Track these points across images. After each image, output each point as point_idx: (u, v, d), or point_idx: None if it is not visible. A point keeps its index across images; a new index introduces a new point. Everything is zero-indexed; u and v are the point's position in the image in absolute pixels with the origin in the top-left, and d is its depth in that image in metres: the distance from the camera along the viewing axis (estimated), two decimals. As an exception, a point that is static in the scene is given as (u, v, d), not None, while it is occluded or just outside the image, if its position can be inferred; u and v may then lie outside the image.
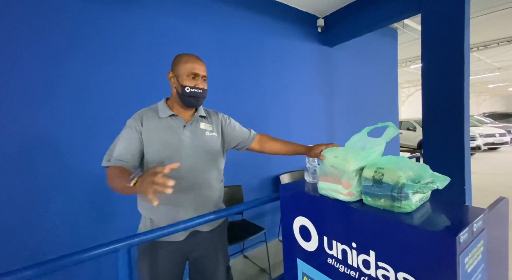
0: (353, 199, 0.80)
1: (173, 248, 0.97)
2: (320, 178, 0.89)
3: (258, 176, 2.47)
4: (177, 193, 0.94)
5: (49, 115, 1.50)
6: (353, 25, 2.78)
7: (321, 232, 0.89)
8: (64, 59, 1.54)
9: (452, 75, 1.98)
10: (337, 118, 3.30)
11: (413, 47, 5.61)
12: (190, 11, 2.04)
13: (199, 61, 1.00)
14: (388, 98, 4.27)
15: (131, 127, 0.94)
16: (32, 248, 1.44)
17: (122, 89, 1.74)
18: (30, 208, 1.44)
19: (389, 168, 0.72)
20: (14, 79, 1.40)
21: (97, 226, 1.64)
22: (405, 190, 0.67)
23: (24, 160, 1.42)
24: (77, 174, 1.57)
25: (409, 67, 7.84)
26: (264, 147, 1.18)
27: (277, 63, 2.64)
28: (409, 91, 13.65)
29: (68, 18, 1.55)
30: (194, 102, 0.99)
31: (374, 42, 3.87)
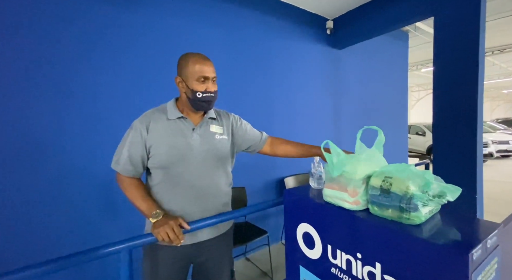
0: (359, 208, 0.78)
1: (177, 252, 0.95)
2: (326, 185, 0.87)
3: (262, 178, 2.45)
4: (185, 203, 0.94)
5: (55, 115, 1.52)
6: (363, 27, 2.74)
7: (325, 240, 0.87)
8: (70, 58, 1.56)
9: (465, 80, 1.92)
10: (344, 121, 3.25)
11: (424, 50, 5.51)
12: (197, 12, 2.04)
13: (207, 61, 0.94)
14: (398, 102, 4.19)
15: (137, 130, 0.92)
16: (39, 247, 1.46)
17: (129, 89, 1.75)
18: (37, 207, 1.46)
19: (397, 177, 0.69)
20: (22, 79, 1.42)
21: (105, 225, 1.66)
22: (414, 201, 0.65)
23: (30, 160, 1.45)
24: (84, 174, 1.59)
25: (420, 70, 7.69)
26: (277, 151, 1.15)
27: (284, 65, 2.62)
28: (419, 94, 13.41)
29: (75, 19, 1.57)
30: (207, 106, 0.96)
31: (384, 44, 3.80)
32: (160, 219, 0.84)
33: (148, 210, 0.88)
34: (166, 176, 0.93)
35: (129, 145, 0.92)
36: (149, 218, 0.86)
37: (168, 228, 0.81)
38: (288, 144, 1.14)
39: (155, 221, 0.84)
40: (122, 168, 0.92)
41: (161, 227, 0.81)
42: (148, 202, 0.90)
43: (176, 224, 0.83)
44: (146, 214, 0.88)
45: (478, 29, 1.85)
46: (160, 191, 0.95)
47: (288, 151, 1.13)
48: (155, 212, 0.86)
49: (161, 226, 0.81)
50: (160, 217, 0.85)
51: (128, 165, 0.92)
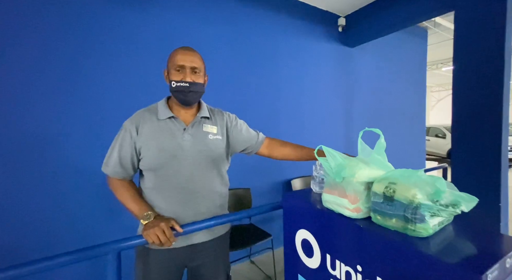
0: (360, 215, 0.71)
1: (170, 255, 0.92)
2: (325, 190, 0.81)
3: (268, 180, 2.40)
4: (177, 206, 0.91)
5: (55, 113, 1.54)
6: (377, 24, 2.62)
7: (324, 249, 0.81)
8: (71, 57, 1.58)
9: (489, 79, 1.77)
10: (356, 123, 3.13)
11: (445, 48, 5.22)
12: (203, 10, 2.03)
13: (187, 51, 0.89)
14: (415, 103, 3.98)
15: (126, 131, 0.90)
16: (37, 245, 1.49)
17: (132, 88, 1.76)
18: (35, 205, 1.49)
19: (402, 184, 0.62)
20: (22, 78, 1.45)
21: (104, 224, 1.67)
22: (421, 211, 0.57)
23: (29, 158, 1.47)
24: (82, 172, 1.60)
25: (441, 69, 7.31)
26: (273, 153, 1.09)
27: (294, 64, 2.55)
28: (439, 95, 12.78)
29: (78, 17, 1.59)
30: (183, 98, 0.89)
31: (401, 42, 3.63)
32: (151, 221, 0.82)
33: (139, 211, 0.85)
34: (157, 179, 0.90)
35: (119, 146, 0.89)
36: (140, 220, 0.84)
37: (158, 230, 0.78)
38: (287, 147, 1.08)
39: (146, 223, 0.82)
40: (112, 171, 0.90)
41: (151, 229, 0.79)
42: (139, 204, 0.87)
43: (167, 226, 0.80)
44: (137, 215, 0.86)
45: (504, 24, 1.70)
46: (151, 194, 0.92)
47: (286, 154, 1.07)
48: (146, 214, 0.84)
49: (151, 228, 0.79)
50: (151, 219, 0.82)
51: (117, 167, 0.89)
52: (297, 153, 1.06)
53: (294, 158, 1.07)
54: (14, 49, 1.43)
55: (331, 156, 0.76)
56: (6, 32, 1.41)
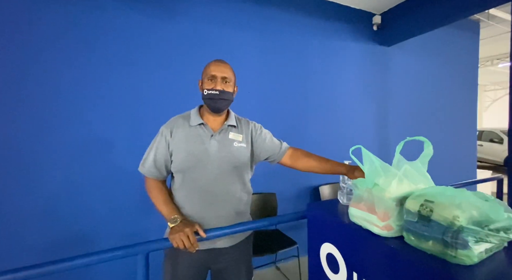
0: (391, 234, 0.65)
1: (194, 257, 0.96)
2: (352, 203, 0.76)
3: (295, 185, 2.34)
4: (200, 207, 0.95)
5: (104, 117, 1.71)
6: (418, 20, 2.41)
7: (350, 266, 0.76)
8: (118, 64, 1.74)
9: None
10: (392, 128, 2.90)
11: (501, 42, 4.60)
12: (231, 16, 2.07)
13: (219, 63, 0.98)
14: (464, 104, 3.57)
15: (162, 135, 0.98)
16: (82, 236, 1.65)
17: (169, 94, 1.88)
18: (84, 200, 1.66)
19: (441, 203, 0.55)
20: (76, 84, 1.64)
21: (143, 221, 1.79)
22: (463, 236, 0.50)
23: (82, 156, 1.66)
24: (129, 172, 1.75)
25: (496, 66, 6.46)
26: (296, 164, 1.07)
27: (325, 67, 2.47)
28: (495, 94, 11.28)
29: (124, 28, 1.75)
30: (213, 105, 0.96)
31: (447, 37, 3.28)
32: (177, 225, 0.86)
33: (168, 214, 0.91)
34: (184, 181, 0.96)
35: (155, 149, 0.97)
36: (168, 222, 0.88)
37: (183, 235, 0.82)
38: (310, 158, 1.05)
39: (172, 226, 0.86)
40: (147, 170, 0.97)
41: (176, 233, 0.83)
42: (169, 206, 0.93)
43: (191, 231, 0.84)
44: (166, 217, 0.91)
45: None
46: (179, 194, 0.98)
47: (309, 166, 1.04)
48: (173, 217, 0.88)
49: (177, 232, 0.83)
50: (178, 222, 0.87)
51: (152, 168, 0.96)
52: (322, 166, 1.02)
53: (318, 170, 1.04)
54: (75, 54, 1.63)
55: (367, 159, 0.70)
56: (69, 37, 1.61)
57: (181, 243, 0.82)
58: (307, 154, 1.06)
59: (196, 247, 0.84)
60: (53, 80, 1.59)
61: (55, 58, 1.59)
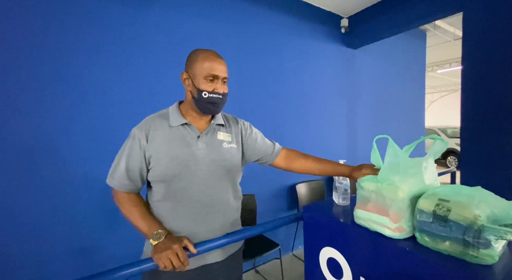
0: (403, 236, 0.63)
1: (181, 278, 0.82)
2: (358, 205, 0.72)
3: (272, 185, 2.31)
4: (190, 222, 0.82)
5: (58, 117, 1.43)
6: (381, 25, 2.57)
7: (357, 271, 0.73)
8: (76, 59, 1.47)
9: (500, 80, 1.73)
10: (359, 125, 3.08)
11: (442, 50, 5.27)
12: (208, 9, 1.93)
13: (219, 59, 0.83)
14: (415, 104, 3.98)
15: (135, 139, 0.81)
16: (34, 253, 1.37)
17: (137, 91, 1.66)
18: (35, 211, 1.37)
19: (458, 202, 0.55)
20: (17, 80, 1.33)
21: (104, 233, 1.55)
22: (485, 235, 0.50)
23: (27, 163, 1.36)
24: (86, 178, 1.49)
25: (436, 72, 7.39)
26: (292, 165, 0.99)
27: (298, 65, 2.48)
28: (432, 97, 12.96)
29: (75, 16, 1.47)
30: (213, 109, 0.83)
31: (401, 44, 3.62)
32: (162, 241, 0.73)
33: (148, 230, 0.76)
34: (168, 191, 0.81)
35: (126, 156, 0.80)
36: (149, 239, 0.74)
37: (171, 253, 0.69)
38: (307, 159, 0.97)
39: (156, 244, 0.72)
40: (118, 183, 0.80)
41: (163, 252, 0.69)
42: (149, 221, 0.78)
43: (180, 248, 0.71)
44: (146, 234, 0.76)
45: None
46: (161, 208, 0.83)
47: (307, 167, 0.97)
48: (156, 233, 0.74)
49: (163, 250, 0.70)
50: (162, 239, 0.73)
51: (124, 179, 0.80)
52: (321, 167, 0.95)
53: (317, 172, 0.96)
54: (15, 49, 1.32)
55: (392, 153, 0.66)
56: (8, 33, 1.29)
57: (169, 263, 0.68)
58: (302, 155, 0.99)
59: (186, 266, 0.72)
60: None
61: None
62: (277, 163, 1.01)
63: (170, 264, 0.69)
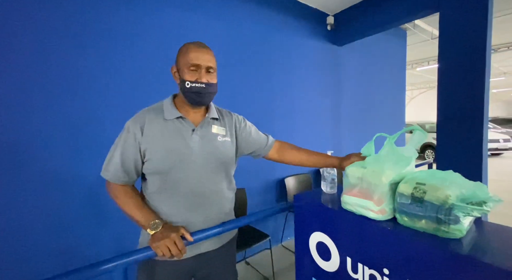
0: (385, 217, 0.70)
1: (177, 266, 0.85)
2: (345, 191, 0.78)
3: (262, 179, 2.36)
4: (185, 211, 0.85)
5: (40, 114, 1.38)
6: (365, 23, 2.66)
7: (343, 252, 0.79)
8: (59, 54, 1.42)
9: (472, 77, 1.87)
10: (343, 119, 3.19)
11: (421, 48, 5.51)
12: (196, 4, 1.92)
13: (203, 49, 0.83)
14: (395, 100, 4.16)
15: (129, 132, 0.81)
16: (17, 255, 1.33)
17: (123, 87, 1.63)
18: (17, 212, 1.33)
19: (432, 185, 0.61)
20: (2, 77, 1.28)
21: (93, 230, 1.53)
22: (455, 212, 0.57)
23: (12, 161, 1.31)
24: (69, 177, 1.46)
25: (415, 69, 7.72)
26: (285, 157, 1.04)
27: (284, 61, 2.52)
28: (412, 93, 13.54)
29: (65, 10, 1.43)
30: (198, 99, 0.84)
31: (383, 42, 3.75)
32: (159, 231, 0.75)
33: (145, 220, 0.78)
34: (164, 183, 0.83)
35: (121, 149, 0.81)
36: (147, 229, 0.76)
37: (169, 242, 0.72)
38: (300, 151, 1.02)
39: (153, 233, 0.74)
40: (113, 175, 0.81)
41: (161, 240, 0.72)
42: (145, 211, 0.80)
43: (178, 236, 0.74)
44: (143, 225, 0.78)
45: (486, 25, 1.80)
46: (157, 199, 0.85)
47: (299, 159, 1.02)
48: (153, 223, 0.76)
49: (161, 239, 0.72)
50: (160, 228, 0.75)
51: (119, 172, 0.81)
52: (312, 159, 1.00)
53: (308, 163, 1.01)
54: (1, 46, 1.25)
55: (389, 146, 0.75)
56: None
57: (167, 251, 0.71)
58: (294, 147, 1.04)
59: (184, 254, 0.75)
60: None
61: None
62: (270, 156, 1.05)
63: (168, 252, 0.71)
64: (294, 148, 1.04)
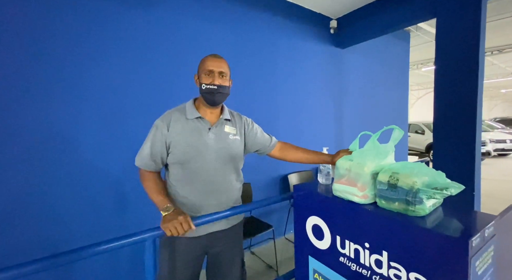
0: (367, 201, 0.84)
1: (193, 243, 1.02)
2: (336, 181, 0.93)
3: (266, 175, 2.51)
4: (201, 195, 1.02)
5: (73, 113, 1.57)
6: (367, 27, 2.78)
7: (334, 232, 0.93)
8: (87, 57, 1.60)
9: (465, 79, 1.98)
10: (346, 120, 3.31)
11: (426, 49, 5.55)
12: (204, 10, 2.08)
13: (216, 58, 1.03)
14: (398, 101, 4.24)
15: (158, 128, 0.99)
16: (53, 240, 1.52)
17: (139, 88, 1.80)
18: (52, 201, 1.52)
19: (404, 174, 0.75)
20: (33, 76, 1.46)
21: (117, 220, 1.72)
22: (420, 195, 0.71)
23: (44, 156, 1.49)
24: (97, 170, 1.64)
25: (421, 69, 7.73)
26: (286, 155, 1.22)
27: (289, 64, 2.66)
28: (418, 93, 13.45)
29: (91, 18, 1.61)
30: (211, 98, 1.00)
31: (386, 44, 3.84)
32: (169, 213, 0.88)
33: (160, 203, 0.93)
34: (184, 171, 1.00)
35: (150, 143, 0.99)
36: (160, 211, 0.91)
37: (176, 223, 0.85)
38: (298, 150, 1.20)
39: (165, 215, 0.89)
40: (143, 163, 0.99)
41: (169, 222, 0.85)
42: (162, 197, 0.95)
43: (184, 219, 0.86)
44: (159, 206, 0.94)
45: (479, 30, 1.91)
46: (179, 185, 1.02)
47: (298, 157, 1.20)
48: (166, 206, 0.91)
49: (169, 221, 0.85)
50: (170, 211, 0.89)
51: (148, 161, 0.99)
52: (309, 156, 1.17)
53: (305, 161, 1.19)
54: (33, 47, 1.44)
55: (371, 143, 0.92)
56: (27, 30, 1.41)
57: (175, 230, 0.85)
58: (294, 147, 1.22)
59: (193, 229, 0.88)
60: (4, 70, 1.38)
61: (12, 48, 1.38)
62: (273, 154, 1.23)
63: (175, 231, 0.85)
64: (293, 148, 1.22)
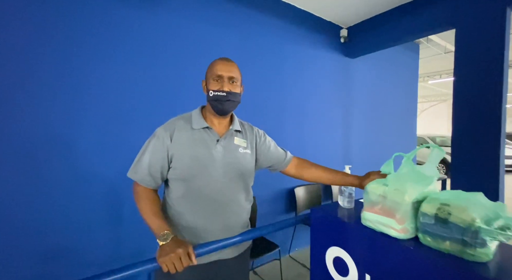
0: (407, 236, 0.70)
1: (195, 272, 0.86)
2: (366, 208, 0.78)
3: (271, 188, 2.36)
4: (205, 218, 0.87)
5: (68, 115, 1.45)
6: (378, 37, 2.69)
7: (362, 269, 0.78)
8: (85, 59, 1.50)
9: (488, 91, 1.85)
10: (354, 130, 3.18)
11: (433, 62, 5.48)
12: (213, 15, 1.99)
13: (225, 62, 0.90)
14: (407, 113, 4.12)
15: (159, 139, 0.85)
16: (39, 249, 1.37)
17: (142, 93, 1.69)
18: (41, 209, 1.38)
19: (457, 206, 0.61)
20: (28, 77, 1.35)
21: (112, 229, 1.58)
22: (482, 236, 0.56)
23: (36, 160, 1.37)
24: (92, 176, 1.52)
25: (427, 82, 7.66)
26: (303, 174, 1.05)
27: (297, 72, 2.56)
28: (422, 106, 13.37)
29: (93, 19, 1.51)
30: (219, 107, 0.88)
31: (395, 55, 3.76)
32: (167, 244, 0.73)
33: (158, 229, 0.77)
34: (187, 190, 0.86)
35: (149, 153, 0.85)
36: (157, 239, 0.76)
37: (175, 257, 0.70)
38: (318, 169, 1.03)
39: (162, 245, 0.73)
40: (140, 177, 0.84)
41: (167, 255, 0.70)
42: (159, 220, 0.79)
43: (184, 253, 0.71)
44: (155, 233, 0.78)
45: (504, 40, 1.79)
46: (180, 205, 0.87)
47: (317, 177, 1.02)
48: (163, 233, 0.75)
49: (167, 254, 0.70)
50: (168, 240, 0.73)
51: (146, 175, 0.84)
52: (331, 177, 1.00)
53: (326, 181, 1.02)
54: (27, 48, 1.34)
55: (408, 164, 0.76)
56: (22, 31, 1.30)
57: (172, 266, 0.69)
58: (313, 165, 1.05)
59: (194, 263, 0.73)
60: None
61: None
62: (288, 171, 1.07)
63: (173, 268, 0.70)
64: (312, 165, 1.05)
